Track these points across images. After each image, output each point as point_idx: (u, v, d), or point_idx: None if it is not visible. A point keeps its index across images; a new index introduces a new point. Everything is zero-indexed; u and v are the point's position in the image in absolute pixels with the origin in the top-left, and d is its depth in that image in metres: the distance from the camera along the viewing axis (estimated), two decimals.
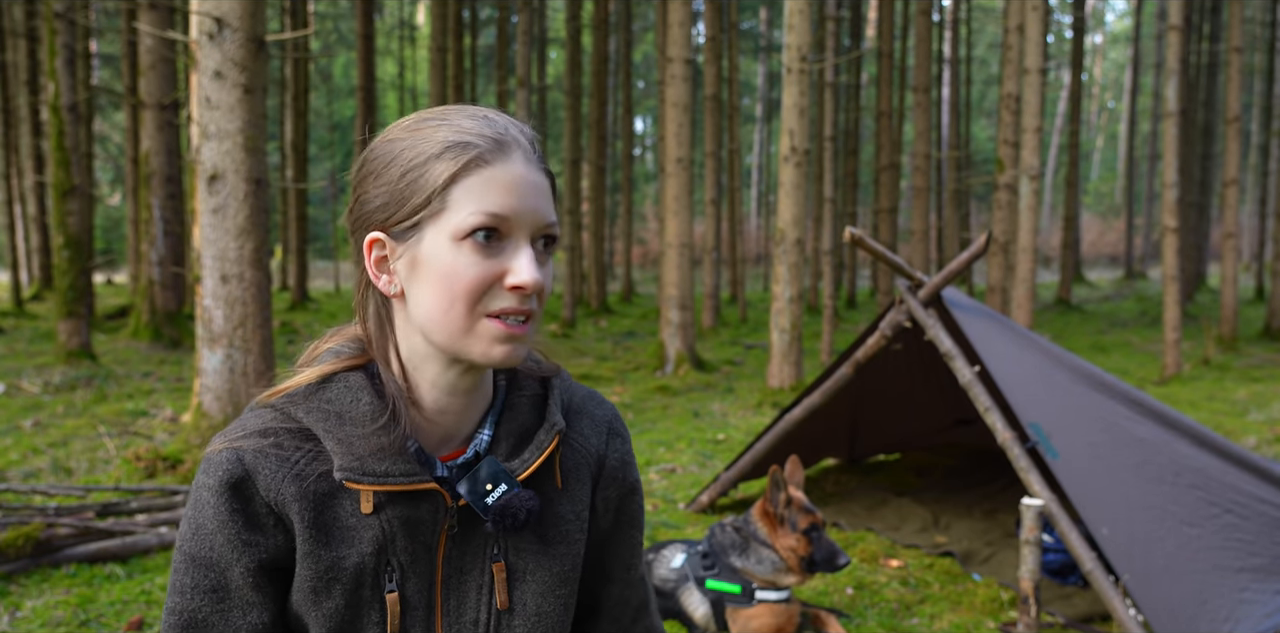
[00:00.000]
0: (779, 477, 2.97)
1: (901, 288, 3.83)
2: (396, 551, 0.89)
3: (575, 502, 0.99)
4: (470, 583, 0.93)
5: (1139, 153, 34.95)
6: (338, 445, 0.86)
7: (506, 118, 0.89)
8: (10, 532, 3.53)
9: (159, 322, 10.47)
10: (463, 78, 16.77)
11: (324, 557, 0.87)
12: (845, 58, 12.68)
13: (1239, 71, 11.05)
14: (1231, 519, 3.13)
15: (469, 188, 0.83)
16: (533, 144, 0.88)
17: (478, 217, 0.82)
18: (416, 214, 0.85)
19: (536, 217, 0.85)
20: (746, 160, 38.69)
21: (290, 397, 0.90)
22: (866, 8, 25.46)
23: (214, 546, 0.87)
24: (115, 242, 30.34)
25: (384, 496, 0.87)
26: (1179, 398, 8.06)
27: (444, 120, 0.87)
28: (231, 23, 4.79)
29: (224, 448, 0.88)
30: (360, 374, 0.91)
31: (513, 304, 0.84)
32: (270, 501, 0.86)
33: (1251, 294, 21.06)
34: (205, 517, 0.87)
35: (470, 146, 0.84)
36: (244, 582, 0.87)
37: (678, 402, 8.04)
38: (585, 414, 1.04)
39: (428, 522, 0.90)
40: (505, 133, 0.86)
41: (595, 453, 1.02)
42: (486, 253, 0.83)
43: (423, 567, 0.91)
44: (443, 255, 0.83)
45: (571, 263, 16.15)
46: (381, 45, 32.07)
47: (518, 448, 0.93)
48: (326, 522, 0.88)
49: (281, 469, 0.87)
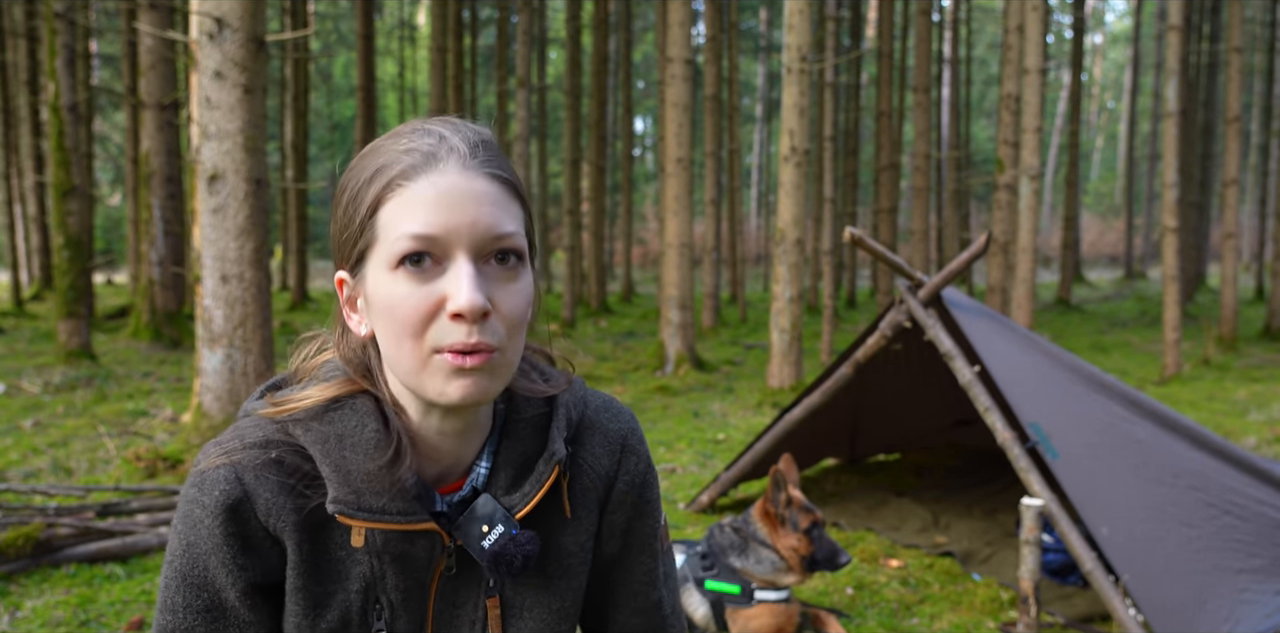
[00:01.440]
0: (780, 477, 2.98)
1: (901, 288, 3.83)
2: (386, 589, 0.84)
3: (580, 532, 0.92)
4: (463, 618, 0.88)
5: (1139, 153, 34.95)
6: (334, 474, 0.80)
7: (454, 124, 0.81)
8: (10, 532, 3.53)
9: (159, 322, 10.48)
10: (463, 78, 16.77)
11: (312, 591, 0.83)
12: (845, 58, 12.68)
13: (1239, 71, 11.04)
14: (1231, 520, 3.13)
15: (392, 212, 0.76)
16: (476, 149, 0.78)
17: (400, 242, 0.74)
18: (356, 248, 0.79)
19: (475, 230, 0.75)
20: (746, 160, 38.69)
21: (295, 417, 0.84)
22: (866, 8, 25.46)
23: (208, 567, 0.82)
24: (115, 242, 30.35)
25: (378, 531, 0.82)
26: (1179, 398, 8.06)
27: (387, 139, 0.80)
28: (231, 23, 4.79)
29: (221, 464, 0.82)
30: (369, 400, 0.85)
31: (459, 338, 0.74)
32: (267, 525, 0.82)
33: (1251, 294, 21.06)
34: (199, 536, 0.82)
35: (392, 167, 0.77)
36: (239, 603, 0.83)
37: (678, 402, 8.04)
38: (598, 429, 0.95)
39: (422, 559, 0.85)
40: (437, 143, 0.77)
41: (605, 475, 0.94)
42: (421, 279, 0.75)
43: (415, 604, 0.86)
44: (381, 289, 0.77)
45: (571, 263, 16.15)
46: (381, 45, 32.07)
47: (517, 481, 0.87)
48: (316, 553, 0.83)
49: (281, 495, 0.81)
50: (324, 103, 32.32)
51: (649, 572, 1.00)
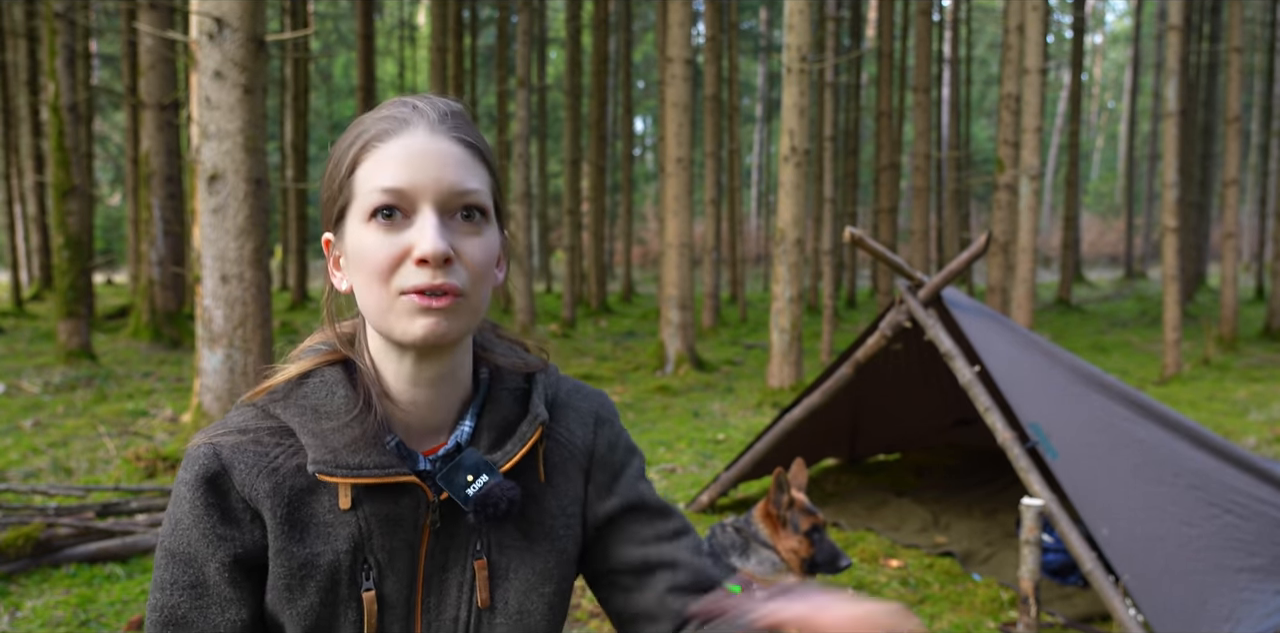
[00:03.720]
0: (783, 479, 2.98)
1: (901, 288, 3.83)
2: (374, 549, 0.88)
3: (561, 497, 0.97)
4: (451, 580, 0.92)
5: (1139, 153, 34.95)
6: (313, 439, 0.86)
7: (429, 98, 0.89)
8: (10, 532, 3.53)
9: (159, 322, 10.47)
10: (463, 78, 16.77)
11: (297, 553, 0.86)
12: (845, 58, 12.68)
13: (1239, 71, 11.05)
14: (1231, 520, 3.13)
15: (367, 170, 0.84)
16: (445, 115, 0.86)
17: (373, 195, 0.83)
18: (336, 206, 0.87)
19: (440, 185, 0.83)
20: (746, 160, 38.68)
21: (271, 394, 0.91)
22: (866, 8, 25.46)
23: (190, 541, 0.86)
24: (115, 242, 30.34)
25: (362, 491, 0.87)
26: (1179, 398, 8.06)
27: (370, 112, 0.89)
28: (231, 23, 4.79)
29: (203, 443, 0.88)
30: (337, 369, 0.92)
31: (423, 280, 0.81)
32: (245, 495, 0.86)
33: (1251, 294, 21.06)
34: (182, 511, 0.87)
35: (369, 131, 0.85)
36: (220, 578, 0.86)
37: (678, 402, 8.04)
38: (570, 408, 1.02)
39: (408, 518, 0.89)
40: (410, 111, 0.86)
41: (583, 446, 1.00)
42: (390, 229, 0.83)
43: (402, 565, 0.90)
44: (357, 241, 0.84)
45: (571, 263, 16.15)
46: (381, 45, 32.07)
47: (500, 440, 0.93)
48: (301, 518, 0.87)
49: (258, 464, 0.87)
50: (324, 103, 32.30)
51: (655, 517, 1.02)
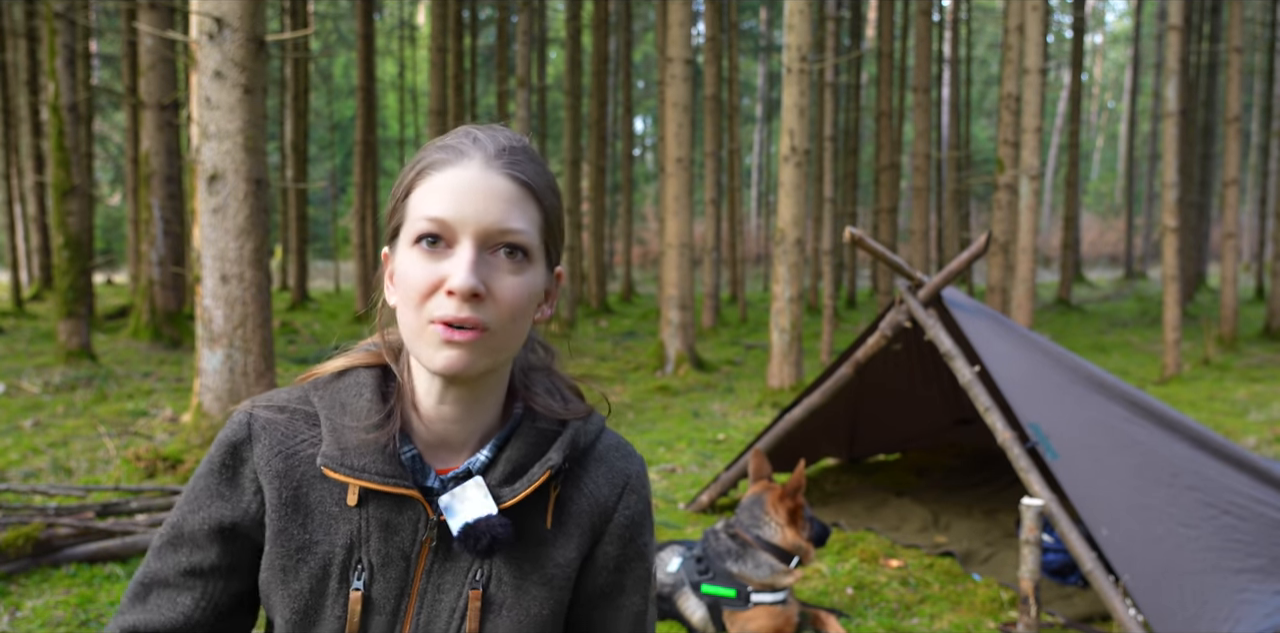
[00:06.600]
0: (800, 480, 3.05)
1: (901, 288, 3.83)
2: (369, 550, 0.90)
3: (566, 548, 0.96)
4: (445, 603, 0.92)
5: (1139, 153, 34.93)
6: (330, 433, 0.90)
7: (494, 130, 0.91)
8: (10, 532, 3.53)
9: (159, 322, 10.47)
10: (463, 78, 16.77)
11: (296, 536, 0.90)
12: (845, 58, 12.68)
13: (1239, 71, 11.04)
14: (1230, 520, 3.13)
15: (418, 196, 0.87)
16: (504, 150, 0.88)
17: (419, 222, 0.85)
18: (392, 224, 0.90)
19: (483, 221, 0.84)
20: (746, 160, 38.68)
21: (315, 381, 0.96)
22: (866, 8, 25.45)
23: (194, 489, 0.94)
24: (115, 242, 30.34)
25: (369, 492, 0.90)
26: (1179, 398, 8.06)
27: (437, 139, 0.91)
28: (231, 23, 4.79)
29: (247, 410, 0.94)
30: (373, 372, 0.95)
31: (449, 312, 0.83)
32: (258, 469, 0.91)
33: (1251, 294, 21.05)
34: (202, 469, 0.94)
35: (427, 159, 0.88)
36: (199, 528, 0.92)
37: (678, 402, 8.04)
38: (605, 463, 1.00)
39: (406, 529, 0.91)
40: (470, 143, 0.88)
41: (603, 504, 0.98)
42: (431, 257, 0.85)
43: (394, 572, 0.91)
44: (402, 262, 0.87)
45: (571, 263, 16.15)
46: (381, 45, 32.06)
47: (512, 477, 0.92)
48: (307, 504, 0.91)
49: (279, 444, 0.92)
50: (324, 103, 32.29)
51: (639, 615, 1.03)
